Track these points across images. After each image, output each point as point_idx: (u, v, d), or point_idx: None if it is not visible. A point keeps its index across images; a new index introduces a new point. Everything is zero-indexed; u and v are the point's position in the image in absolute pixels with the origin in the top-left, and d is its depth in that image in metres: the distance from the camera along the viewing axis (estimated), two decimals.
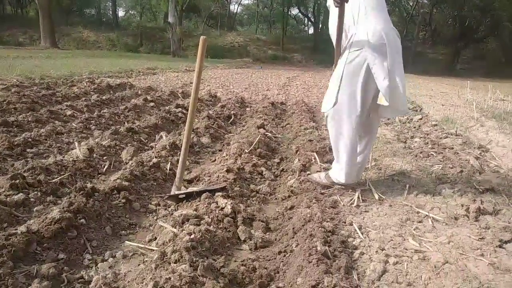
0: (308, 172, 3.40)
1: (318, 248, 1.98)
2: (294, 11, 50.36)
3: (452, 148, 4.58)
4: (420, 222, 2.63)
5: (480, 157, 4.23)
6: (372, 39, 2.71)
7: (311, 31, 50.72)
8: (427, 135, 5.36)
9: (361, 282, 1.90)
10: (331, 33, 2.99)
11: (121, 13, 53.42)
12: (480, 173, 3.64)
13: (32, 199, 2.58)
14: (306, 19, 51.32)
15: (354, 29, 2.80)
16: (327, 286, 1.69)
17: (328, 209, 2.72)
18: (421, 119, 6.39)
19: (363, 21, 2.78)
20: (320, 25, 42.95)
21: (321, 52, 35.86)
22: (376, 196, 3.01)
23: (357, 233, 2.41)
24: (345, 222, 2.59)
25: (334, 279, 1.73)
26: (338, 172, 3.09)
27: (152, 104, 6.49)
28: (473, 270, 1.98)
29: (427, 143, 4.82)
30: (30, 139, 3.74)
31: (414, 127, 5.98)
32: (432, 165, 3.85)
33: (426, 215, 2.71)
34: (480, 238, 2.36)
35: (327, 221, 2.42)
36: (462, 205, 2.84)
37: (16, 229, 2.08)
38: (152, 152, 3.80)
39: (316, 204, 2.72)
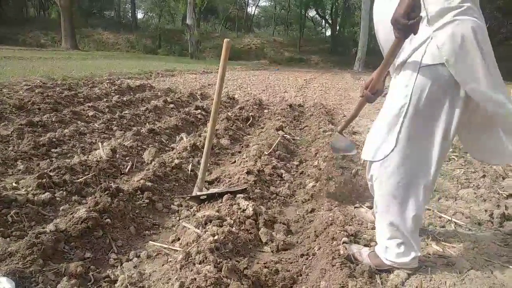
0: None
1: (341, 252, 1.98)
2: (312, 12, 50.37)
3: None
4: (442, 227, 2.61)
5: None
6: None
7: (328, 33, 50.63)
8: None
9: (385, 287, 1.89)
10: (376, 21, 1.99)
11: (140, 15, 54.33)
12: (504, 178, 3.59)
13: (58, 198, 2.64)
14: (323, 20, 51.23)
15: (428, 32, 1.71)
16: None
17: (350, 213, 2.72)
18: None
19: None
20: (338, 27, 42.72)
21: (338, 54, 35.76)
22: None
23: None
24: (367, 226, 2.58)
25: (359, 283, 1.73)
26: (394, 249, 1.93)
27: (171, 105, 6.56)
28: (499, 277, 1.96)
29: None
30: (54, 139, 3.82)
31: None
32: (454, 169, 3.81)
33: (449, 220, 2.68)
34: (506, 245, 2.34)
35: (349, 225, 2.42)
36: (486, 211, 2.81)
37: (45, 228, 2.13)
38: (174, 153, 3.85)
39: (338, 207, 2.72)
